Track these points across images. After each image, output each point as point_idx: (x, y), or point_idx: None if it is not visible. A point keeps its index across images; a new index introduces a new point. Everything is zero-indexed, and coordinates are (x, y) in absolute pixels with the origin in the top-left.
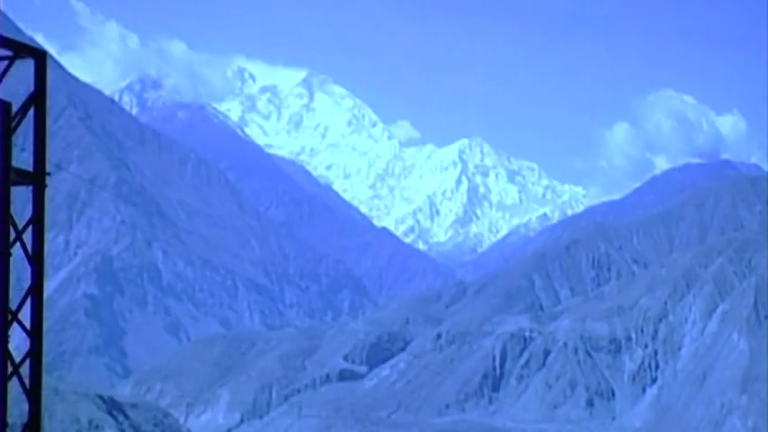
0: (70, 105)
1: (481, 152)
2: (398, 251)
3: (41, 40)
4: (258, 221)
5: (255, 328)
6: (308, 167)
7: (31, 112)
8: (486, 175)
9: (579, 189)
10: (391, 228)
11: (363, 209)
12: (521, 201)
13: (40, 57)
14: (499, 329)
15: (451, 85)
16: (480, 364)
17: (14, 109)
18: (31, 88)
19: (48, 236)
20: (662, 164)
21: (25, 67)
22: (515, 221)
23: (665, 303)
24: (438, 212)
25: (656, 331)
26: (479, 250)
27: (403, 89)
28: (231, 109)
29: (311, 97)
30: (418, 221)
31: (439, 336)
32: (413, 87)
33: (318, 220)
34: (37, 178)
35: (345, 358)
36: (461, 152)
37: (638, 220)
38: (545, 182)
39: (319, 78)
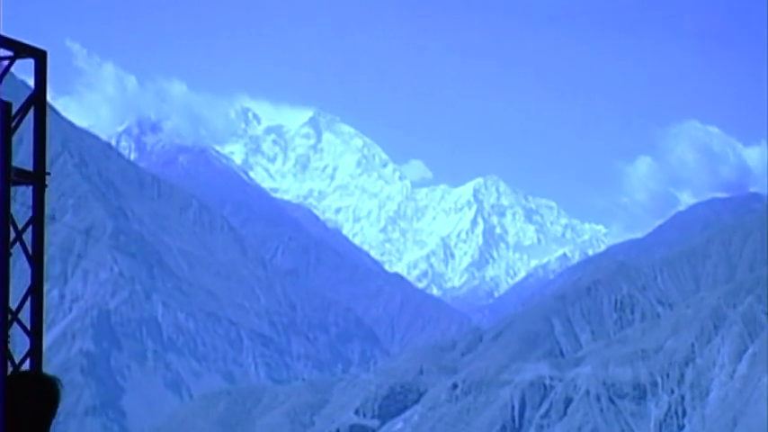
0: (65, 152)
1: (497, 191)
2: (411, 297)
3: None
4: (263, 269)
5: (261, 383)
6: (316, 211)
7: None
8: (502, 215)
9: (600, 227)
10: (403, 273)
11: (374, 253)
12: (539, 241)
13: (40, 57)
14: (517, 378)
15: (465, 122)
16: (498, 414)
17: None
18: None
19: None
20: (686, 199)
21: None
22: (534, 263)
23: (692, 346)
24: (452, 255)
25: (682, 376)
26: (496, 294)
27: (414, 127)
28: (234, 152)
29: (318, 137)
30: (432, 265)
31: (455, 386)
32: (424, 125)
33: (327, 267)
34: (37, 178)
35: (356, 412)
36: (476, 192)
37: (662, 259)
38: (564, 221)
39: (326, 118)
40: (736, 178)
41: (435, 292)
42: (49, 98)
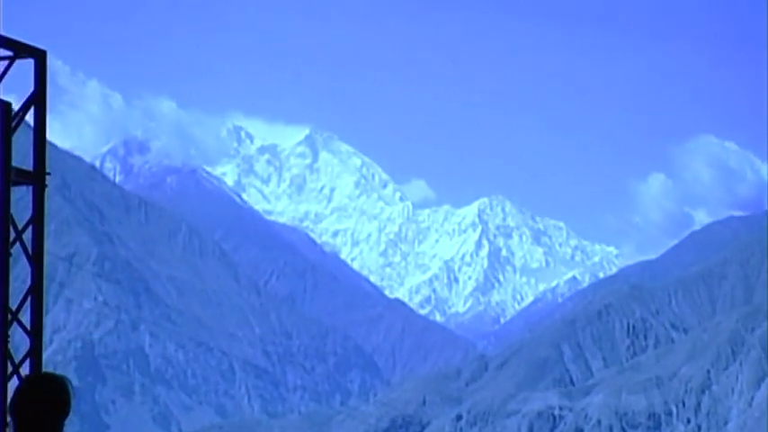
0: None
1: (503, 211)
2: (413, 324)
3: (15, 100)
4: (257, 296)
5: (255, 416)
6: (313, 234)
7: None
8: (508, 236)
9: (611, 249)
10: (405, 299)
11: (374, 278)
12: (547, 264)
13: (40, 57)
14: (525, 408)
15: (468, 140)
16: None
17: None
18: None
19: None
20: (702, 218)
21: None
22: (542, 286)
23: (709, 372)
24: (456, 280)
25: (699, 404)
26: (502, 320)
27: (415, 145)
28: (226, 172)
29: (315, 157)
30: (435, 290)
31: (459, 417)
32: (426, 142)
33: (324, 293)
34: (37, 178)
35: None
36: (481, 212)
37: (676, 281)
38: (573, 242)
39: (323, 136)
40: (753, 195)
41: (438, 318)
42: (28, 117)
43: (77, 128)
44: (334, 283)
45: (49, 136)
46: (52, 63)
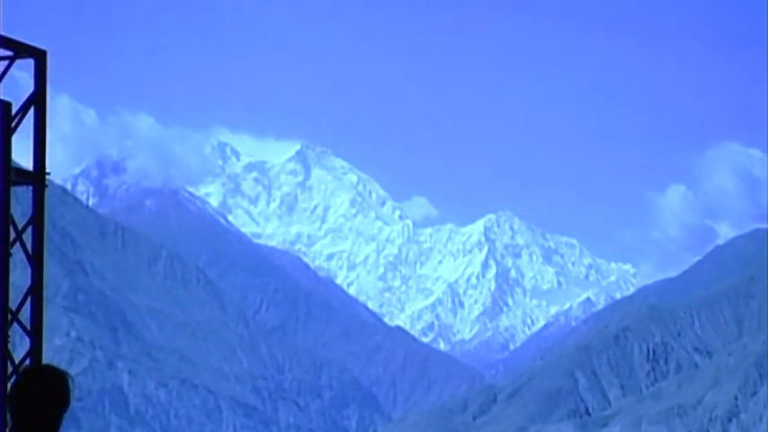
0: (12, 199)
1: (511, 229)
2: (415, 353)
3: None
4: (245, 327)
5: None
6: (305, 258)
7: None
8: (517, 255)
9: (628, 267)
10: (406, 326)
11: (372, 305)
12: (559, 284)
13: (40, 57)
14: None
15: (472, 152)
16: None
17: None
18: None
19: None
20: (726, 231)
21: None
22: (554, 309)
23: (736, 399)
24: (461, 304)
25: None
26: (512, 347)
27: (415, 159)
28: (210, 193)
29: (307, 174)
30: (438, 316)
31: None
32: (427, 156)
33: (318, 322)
34: (37, 178)
35: None
36: (487, 230)
37: (699, 301)
38: (587, 260)
39: (316, 151)
40: None
41: (443, 346)
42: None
43: (47, 147)
44: (329, 310)
45: (14, 156)
46: (18, 77)
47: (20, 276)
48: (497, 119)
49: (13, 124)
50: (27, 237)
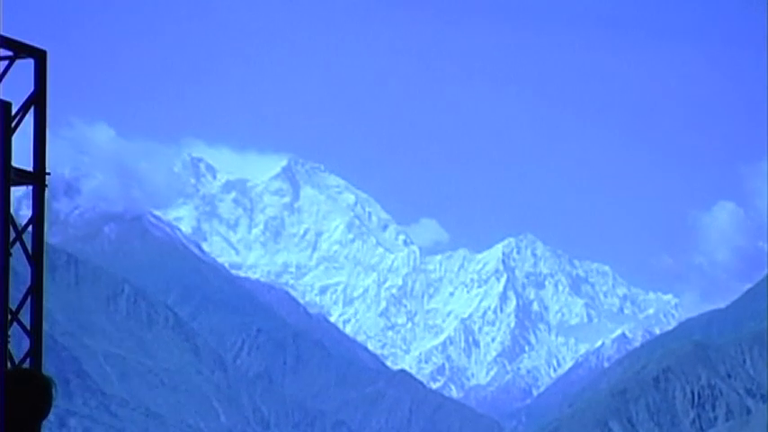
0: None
1: (533, 255)
2: (423, 401)
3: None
4: (223, 375)
5: None
6: (294, 293)
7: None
8: (540, 286)
9: (669, 297)
10: (412, 370)
11: (373, 346)
12: (590, 318)
13: (40, 57)
14: None
15: (488, 168)
16: None
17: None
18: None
19: None
20: None
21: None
22: (583, 348)
23: None
24: (476, 343)
25: None
26: (535, 392)
27: (422, 176)
28: (182, 217)
29: (295, 194)
30: (449, 358)
31: None
32: (436, 173)
33: (309, 367)
34: (37, 178)
35: None
36: (506, 257)
37: (751, 336)
38: (622, 290)
39: (305, 167)
40: None
41: (455, 393)
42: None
43: None
44: (321, 353)
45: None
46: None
47: (20, 276)
48: (517, 130)
49: (13, 124)
50: (27, 237)
